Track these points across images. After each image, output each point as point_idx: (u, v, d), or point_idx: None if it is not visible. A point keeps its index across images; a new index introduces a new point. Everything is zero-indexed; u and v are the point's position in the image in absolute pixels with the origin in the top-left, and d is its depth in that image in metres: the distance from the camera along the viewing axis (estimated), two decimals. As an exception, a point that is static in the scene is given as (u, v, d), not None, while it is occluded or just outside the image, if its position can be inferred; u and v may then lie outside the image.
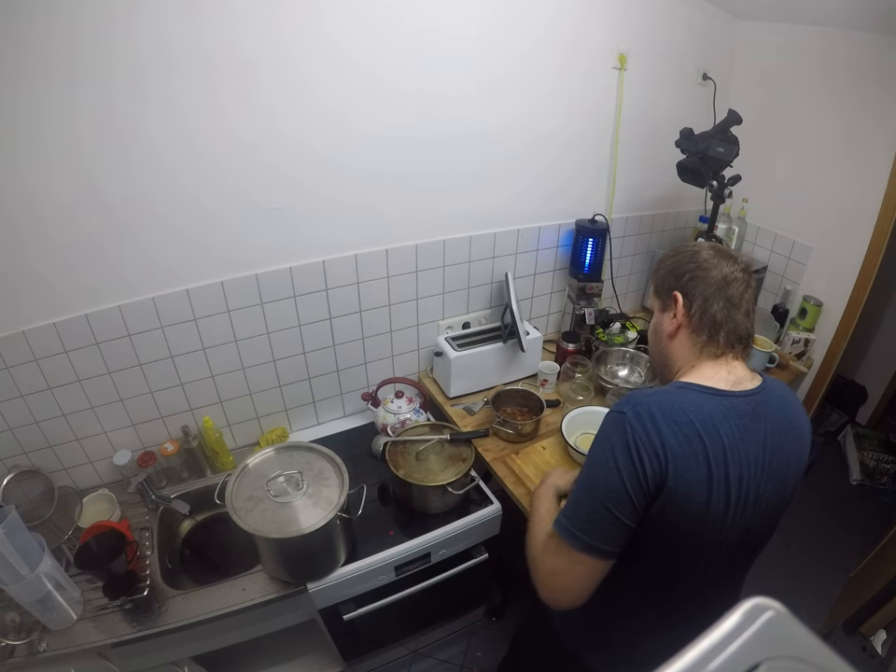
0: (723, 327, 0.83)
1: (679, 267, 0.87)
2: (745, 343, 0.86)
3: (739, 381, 0.82)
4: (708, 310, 0.84)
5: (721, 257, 0.85)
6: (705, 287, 0.84)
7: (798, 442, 0.84)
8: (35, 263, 1.18)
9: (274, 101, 1.25)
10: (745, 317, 0.85)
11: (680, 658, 0.25)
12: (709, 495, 0.74)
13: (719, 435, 0.75)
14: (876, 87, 1.67)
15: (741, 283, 0.84)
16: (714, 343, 0.84)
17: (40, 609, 1.10)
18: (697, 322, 0.85)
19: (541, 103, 1.63)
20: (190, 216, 1.29)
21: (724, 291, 0.83)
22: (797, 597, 1.98)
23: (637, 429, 0.74)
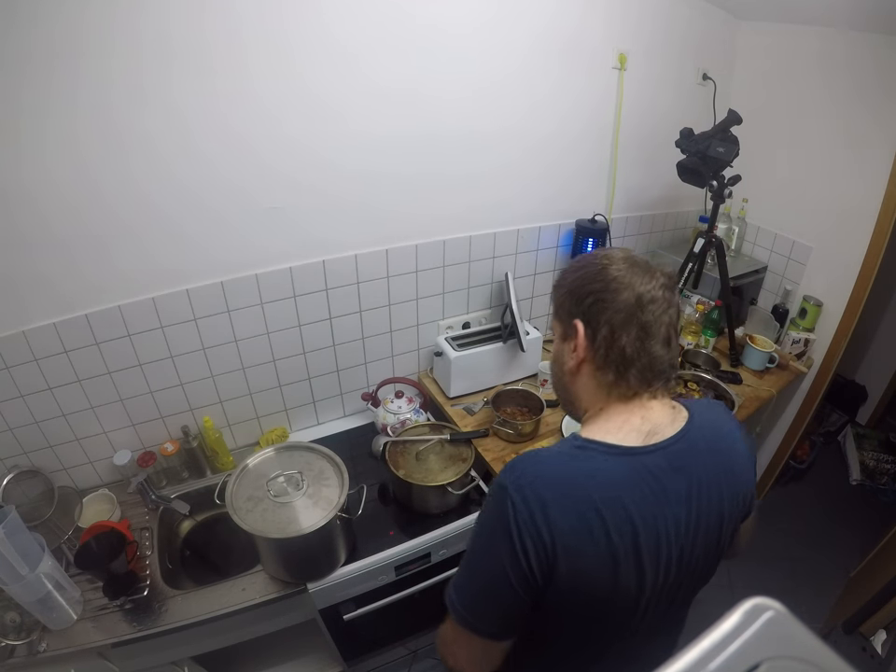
0: (635, 363, 0.69)
1: (581, 287, 0.71)
2: (665, 378, 0.71)
3: (656, 429, 0.69)
4: (616, 343, 0.69)
5: (636, 272, 0.69)
6: (612, 314, 0.68)
7: (734, 486, 0.71)
8: (34, 263, 1.18)
9: (274, 101, 1.25)
10: (664, 348, 0.69)
11: (680, 658, 0.25)
12: (615, 575, 0.64)
13: (624, 507, 0.63)
14: (876, 87, 1.67)
15: (660, 304, 0.68)
16: (624, 383, 0.70)
17: (40, 609, 1.10)
18: (603, 358, 0.70)
19: (541, 103, 1.63)
20: (191, 215, 1.29)
21: (637, 317, 0.68)
22: (797, 597, 1.98)
23: (519, 510, 0.62)
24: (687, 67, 1.91)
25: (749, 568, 2.15)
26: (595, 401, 0.74)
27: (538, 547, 0.62)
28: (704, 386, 1.73)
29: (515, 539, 0.62)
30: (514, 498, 0.63)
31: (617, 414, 0.71)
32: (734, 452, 0.73)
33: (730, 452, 0.72)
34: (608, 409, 0.72)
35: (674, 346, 0.71)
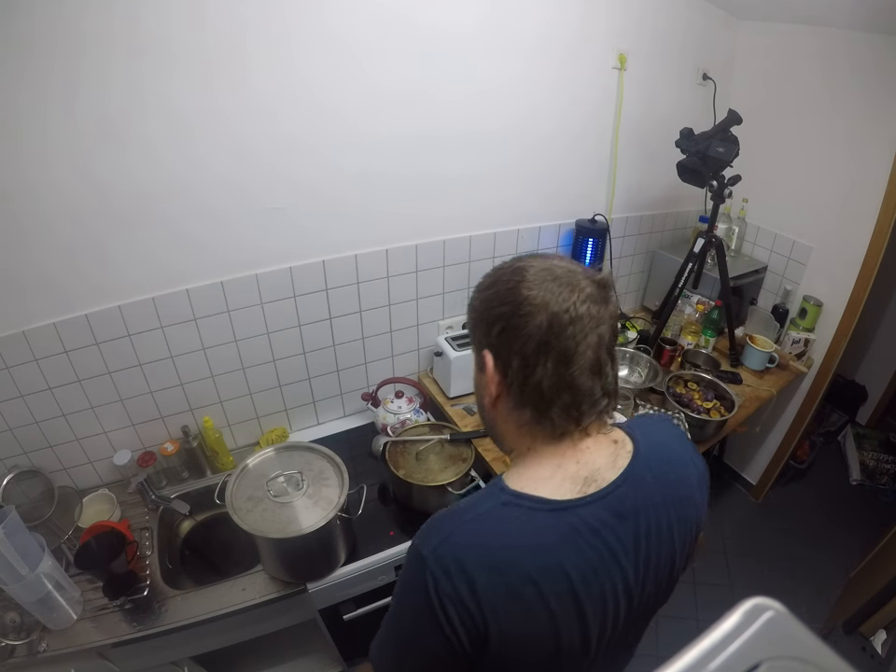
0: (556, 400, 0.58)
1: (489, 310, 0.60)
2: (599, 412, 0.61)
3: (594, 474, 0.60)
4: (530, 377, 0.58)
5: (553, 287, 0.57)
6: (523, 343, 0.57)
7: (683, 514, 0.64)
8: (35, 262, 1.18)
9: (274, 100, 1.25)
10: (592, 377, 0.58)
11: (680, 658, 0.25)
12: (557, 639, 0.57)
13: (564, 572, 0.56)
14: (876, 87, 1.67)
15: (584, 323, 0.56)
16: (547, 422, 0.60)
17: (40, 609, 1.10)
18: (518, 395, 0.60)
19: (541, 103, 1.63)
20: (193, 214, 1.29)
21: (554, 344, 0.56)
22: (797, 597, 1.98)
23: (441, 584, 0.54)
24: (687, 67, 1.91)
25: (748, 568, 2.15)
26: (520, 441, 0.64)
27: (465, 621, 0.54)
28: (704, 386, 1.73)
29: (439, 613, 0.54)
30: (435, 572, 0.54)
31: (548, 458, 0.61)
32: (683, 480, 0.65)
33: (679, 481, 0.65)
34: (536, 449, 0.62)
35: (607, 371, 0.60)
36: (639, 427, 0.67)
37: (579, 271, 0.60)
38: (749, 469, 2.52)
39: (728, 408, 1.64)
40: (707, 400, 1.67)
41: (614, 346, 0.61)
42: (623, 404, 1.62)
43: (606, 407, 0.62)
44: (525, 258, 0.62)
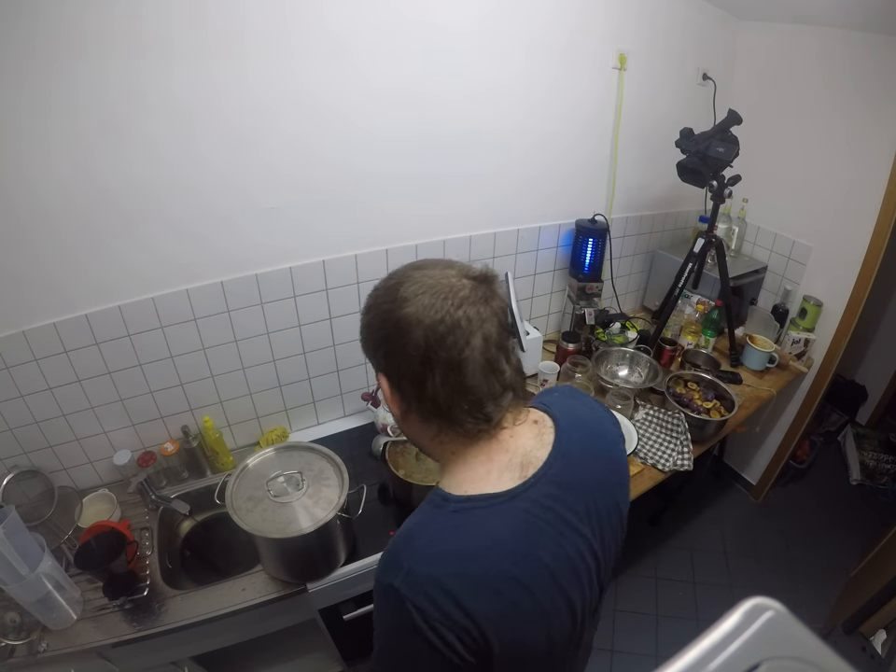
0: (455, 408, 0.58)
1: (371, 335, 0.61)
2: (506, 404, 0.61)
3: (528, 458, 0.61)
4: (424, 394, 0.58)
5: (428, 297, 0.56)
6: (407, 364, 0.57)
7: (618, 469, 0.69)
8: (36, 262, 1.18)
9: (274, 100, 1.25)
10: (487, 377, 0.58)
11: (680, 658, 0.25)
12: (549, 622, 0.59)
13: (536, 557, 0.57)
14: (876, 87, 1.67)
15: (466, 326, 0.56)
16: (458, 428, 0.60)
17: (40, 609, 1.10)
18: (418, 411, 0.60)
19: (541, 103, 1.63)
20: (194, 213, 1.28)
21: (437, 356, 0.55)
22: (797, 597, 1.98)
23: (426, 611, 0.52)
24: (687, 67, 1.91)
25: (748, 568, 2.15)
26: (443, 450, 0.63)
27: (464, 638, 0.53)
28: (704, 386, 1.73)
29: (436, 641, 0.53)
30: (416, 602, 0.53)
31: (475, 458, 0.61)
32: (603, 436, 0.71)
33: (601, 437, 0.70)
34: (461, 454, 0.62)
35: (503, 368, 0.59)
36: (553, 403, 0.70)
37: (452, 273, 0.59)
38: (748, 469, 2.52)
39: (728, 408, 1.64)
40: (706, 400, 1.67)
41: (506, 339, 0.61)
42: (623, 404, 1.62)
43: (512, 399, 0.62)
44: (401, 272, 0.62)
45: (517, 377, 0.63)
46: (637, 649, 1.85)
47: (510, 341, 0.62)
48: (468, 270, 0.61)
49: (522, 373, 0.64)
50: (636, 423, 1.60)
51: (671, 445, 1.57)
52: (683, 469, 1.50)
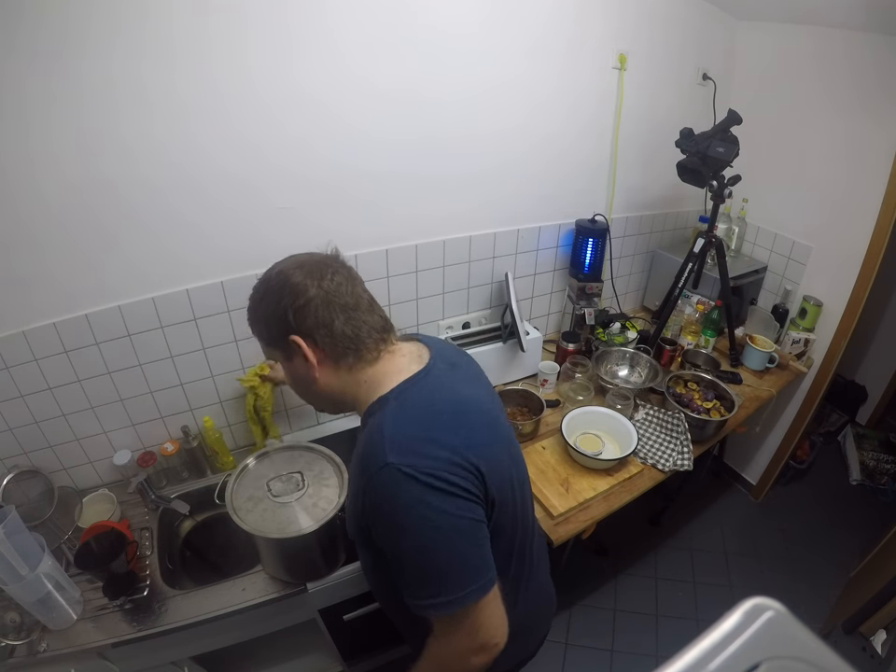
0: (360, 334, 0.76)
1: (275, 309, 0.75)
2: (389, 329, 0.82)
3: (417, 353, 0.82)
4: (335, 332, 0.75)
5: (310, 267, 0.75)
6: (316, 313, 0.73)
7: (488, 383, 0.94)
8: (36, 262, 1.18)
9: (275, 101, 1.25)
10: (372, 313, 0.79)
11: (680, 658, 0.25)
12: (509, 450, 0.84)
13: (475, 399, 0.80)
14: (876, 87, 1.67)
15: (343, 283, 0.76)
16: (366, 352, 0.77)
17: (40, 609, 1.10)
18: (334, 350, 0.76)
19: (541, 103, 1.63)
20: (196, 211, 1.28)
21: (336, 302, 0.74)
22: (797, 597, 1.98)
23: (421, 465, 0.66)
24: (687, 67, 1.91)
25: (748, 568, 2.15)
26: (357, 382, 0.79)
27: (459, 472, 0.68)
28: (704, 386, 1.73)
29: (441, 485, 0.66)
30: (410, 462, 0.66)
31: (383, 372, 0.78)
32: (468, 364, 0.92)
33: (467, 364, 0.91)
34: (372, 375, 0.78)
35: (376, 307, 0.81)
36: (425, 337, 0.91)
37: (314, 253, 0.80)
38: (749, 469, 2.52)
39: (728, 408, 1.64)
40: (707, 400, 1.67)
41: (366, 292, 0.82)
42: (623, 404, 1.62)
43: (388, 325, 0.82)
44: (277, 265, 0.79)
45: (387, 319, 0.83)
46: (637, 649, 1.85)
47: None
48: (328, 258, 0.80)
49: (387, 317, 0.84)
50: (636, 423, 1.60)
51: (671, 445, 1.57)
52: (683, 468, 1.50)
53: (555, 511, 1.35)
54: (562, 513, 1.35)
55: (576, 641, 1.87)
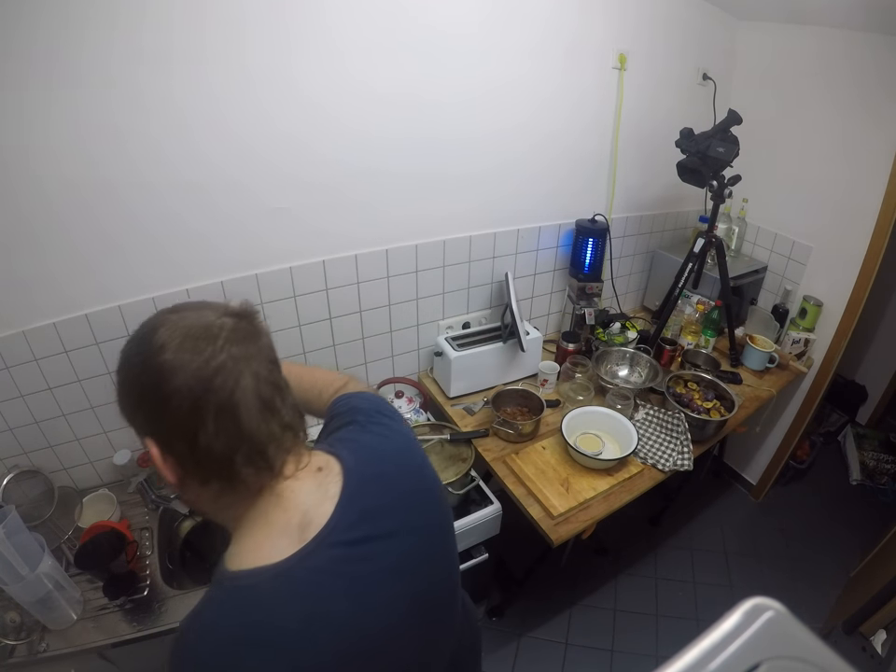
0: (236, 457, 0.52)
1: (130, 394, 0.54)
2: (289, 446, 0.57)
3: (308, 516, 0.55)
4: (198, 447, 0.51)
5: (190, 339, 0.51)
6: (175, 417, 0.51)
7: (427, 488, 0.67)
8: (35, 262, 1.17)
9: (273, 102, 1.25)
10: (265, 416, 0.53)
11: (680, 658, 0.25)
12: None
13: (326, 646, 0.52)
14: (876, 87, 1.67)
15: (231, 366, 0.51)
16: (237, 484, 0.54)
17: (40, 609, 1.10)
18: (196, 471, 0.54)
19: (542, 104, 1.63)
20: (197, 212, 1.29)
21: (207, 402, 0.50)
22: (797, 597, 1.98)
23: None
24: (687, 67, 1.91)
25: (748, 568, 2.15)
26: (226, 514, 0.59)
27: None
28: (704, 386, 1.73)
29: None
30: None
31: (255, 520, 0.56)
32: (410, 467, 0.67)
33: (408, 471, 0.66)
34: (243, 516, 0.57)
35: (278, 407, 0.55)
36: (342, 441, 0.65)
37: (210, 313, 0.54)
38: (748, 469, 2.52)
39: (728, 408, 1.64)
40: (707, 400, 1.67)
41: (278, 376, 0.57)
42: (623, 404, 1.62)
43: (294, 441, 0.58)
44: (153, 319, 0.56)
45: (296, 416, 0.58)
46: (637, 649, 1.85)
47: (282, 378, 0.58)
48: (226, 308, 0.56)
49: (299, 412, 0.60)
50: (636, 423, 1.60)
51: (671, 445, 1.57)
52: (683, 468, 1.50)
53: (555, 511, 1.35)
54: (562, 513, 1.35)
55: (576, 641, 1.87)
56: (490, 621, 1.90)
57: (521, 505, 1.39)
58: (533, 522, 1.36)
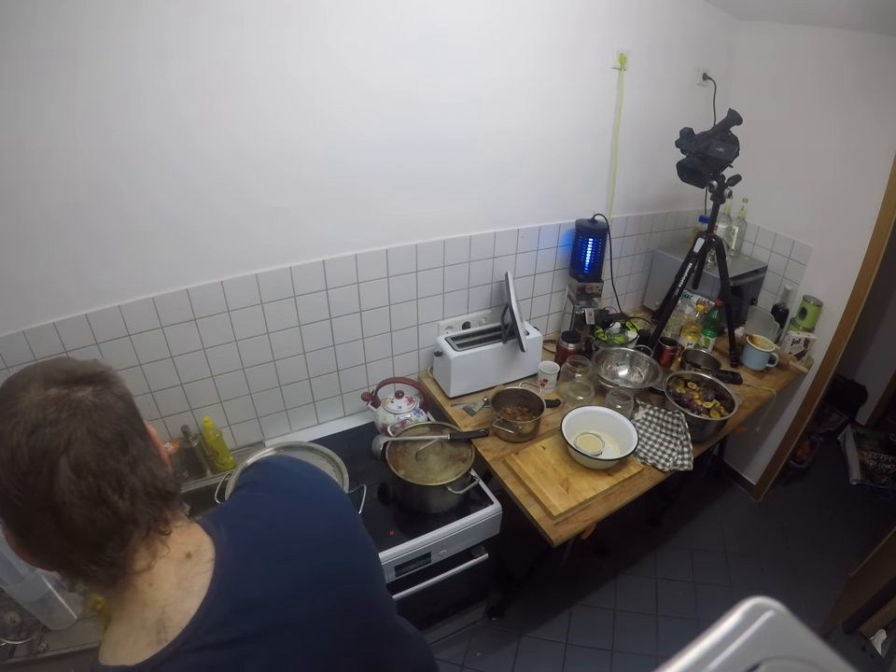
0: (71, 556, 0.46)
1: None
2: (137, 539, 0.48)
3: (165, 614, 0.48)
4: (35, 545, 0.47)
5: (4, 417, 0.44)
6: (9, 520, 0.46)
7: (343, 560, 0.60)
8: (35, 262, 1.17)
9: (271, 102, 1.25)
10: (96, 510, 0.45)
11: (681, 658, 0.25)
12: None
13: None
14: (876, 87, 1.67)
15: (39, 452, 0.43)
16: (90, 575, 0.47)
17: (40, 609, 1.10)
18: (41, 560, 0.49)
19: (541, 104, 1.63)
20: (195, 212, 1.29)
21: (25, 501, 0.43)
22: (797, 597, 1.98)
23: None
24: (687, 67, 1.91)
25: (748, 568, 2.15)
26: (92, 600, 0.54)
27: None
28: (704, 386, 1.73)
29: None
30: None
31: (118, 609, 0.50)
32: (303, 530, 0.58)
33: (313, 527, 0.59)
34: (108, 601, 0.51)
35: (110, 496, 0.46)
36: (227, 514, 0.58)
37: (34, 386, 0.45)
38: (748, 469, 2.52)
39: (728, 408, 1.64)
40: (707, 400, 1.67)
41: (117, 455, 0.47)
42: (623, 404, 1.62)
43: (144, 531, 0.49)
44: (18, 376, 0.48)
45: (143, 502, 0.48)
46: (637, 649, 1.85)
47: (125, 458, 0.48)
48: (58, 373, 0.47)
49: (156, 494, 0.50)
50: (636, 423, 1.60)
51: (671, 445, 1.57)
52: (683, 468, 1.50)
53: (555, 511, 1.35)
54: (562, 513, 1.35)
55: (576, 641, 1.87)
56: (490, 621, 1.91)
57: (521, 505, 1.39)
58: (533, 522, 1.36)
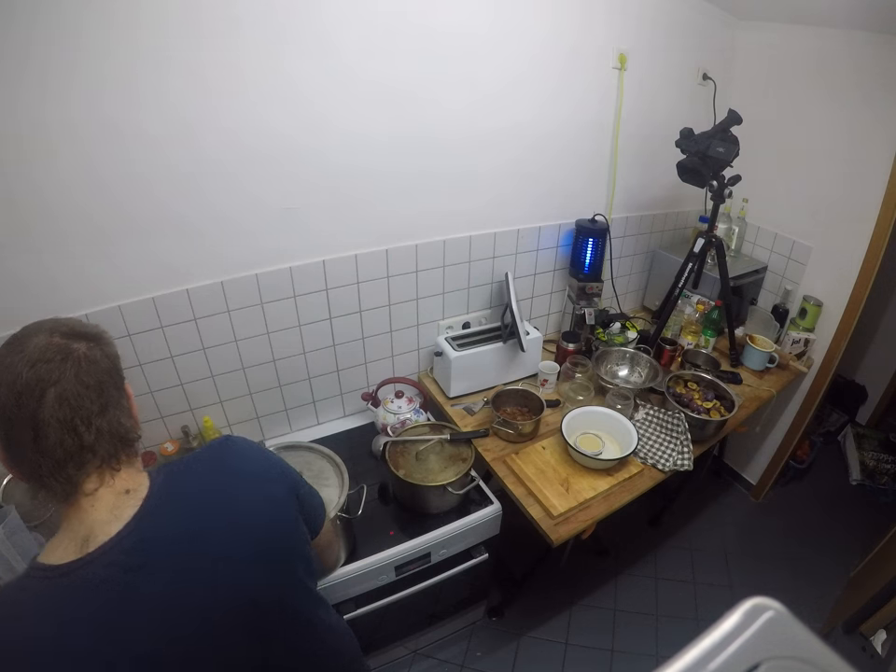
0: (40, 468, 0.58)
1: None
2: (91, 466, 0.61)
3: (92, 531, 0.59)
4: (12, 456, 0.59)
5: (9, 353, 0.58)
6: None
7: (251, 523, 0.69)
8: (35, 262, 1.17)
9: (267, 101, 1.25)
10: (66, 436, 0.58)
11: (681, 658, 0.25)
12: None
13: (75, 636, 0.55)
14: (876, 87, 1.67)
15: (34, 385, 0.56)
16: (47, 489, 0.60)
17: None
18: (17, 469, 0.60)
19: (542, 104, 1.63)
20: (196, 212, 1.29)
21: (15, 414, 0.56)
22: (797, 597, 1.98)
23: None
24: (687, 67, 1.91)
25: (748, 568, 2.15)
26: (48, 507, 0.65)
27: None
28: (704, 386, 1.73)
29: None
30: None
31: (64, 521, 0.61)
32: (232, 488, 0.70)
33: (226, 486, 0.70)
34: (61, 513, 0.62)
35: (79, 427, 0.59)
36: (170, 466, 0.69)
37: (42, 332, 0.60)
38: (748, 469, 2.52)
39: (728, 408, 1.64)
40: (707, 400, 1.67)
41: (93, 398, 0.60)
42: (623, 404, 1.62)
43: (100, 461, 0.61)
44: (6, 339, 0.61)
45: (103, 440, 0.61)
46: (637, 649, 1.85)
47: (99, 400, 0.61)
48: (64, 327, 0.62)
49: (116, 436, 0.63)
50: (636, 423, 1.60)
51: (671, 445, 1.57)
52: (683, 468, 1.50)
53: (555, 511, 1.35)
54: (562, 513, 1.35)
55: (576, 641, 1.87)
56: (490, 621, 1.91)
57: (521, 505, 1.39)
58: (533, 522, 1.36)
